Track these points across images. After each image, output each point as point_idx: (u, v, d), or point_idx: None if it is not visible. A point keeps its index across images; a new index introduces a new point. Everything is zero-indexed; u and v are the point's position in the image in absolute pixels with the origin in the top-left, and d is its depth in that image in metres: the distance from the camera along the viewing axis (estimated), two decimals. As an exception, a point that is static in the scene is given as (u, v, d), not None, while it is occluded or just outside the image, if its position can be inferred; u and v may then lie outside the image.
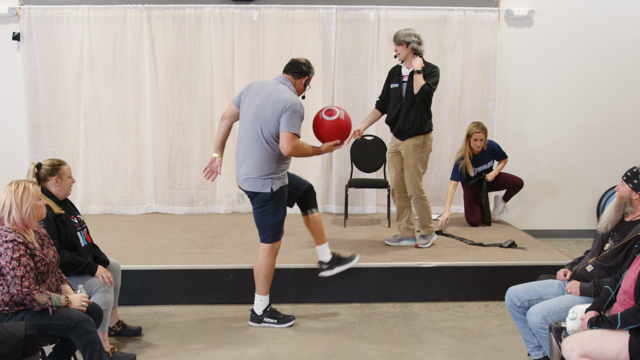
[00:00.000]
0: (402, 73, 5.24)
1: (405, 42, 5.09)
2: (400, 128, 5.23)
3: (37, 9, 6.64)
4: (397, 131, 5.30)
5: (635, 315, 2.83)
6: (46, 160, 3.85)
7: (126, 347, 4.12)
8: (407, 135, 5.23)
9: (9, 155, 6.85)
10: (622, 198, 3.41)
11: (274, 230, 4.31)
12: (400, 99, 5.21)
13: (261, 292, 4.44)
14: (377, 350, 4.08)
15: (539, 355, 3.61)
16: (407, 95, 5.16)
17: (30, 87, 6.71)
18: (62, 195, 3.86)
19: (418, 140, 5.21)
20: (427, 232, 5.44)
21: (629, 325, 2.85)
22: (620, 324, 2.87)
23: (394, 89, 5.27)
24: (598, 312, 3.08)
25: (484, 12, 6.78)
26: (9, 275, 3.15)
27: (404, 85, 5.19)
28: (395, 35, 5.16)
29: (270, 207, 4.24)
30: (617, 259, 3.31)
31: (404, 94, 5.19)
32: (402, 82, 5.21)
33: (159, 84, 6.76)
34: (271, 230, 4.30)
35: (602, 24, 6.83)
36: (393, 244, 5.51)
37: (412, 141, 5.22)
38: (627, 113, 6.97)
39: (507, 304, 3.65)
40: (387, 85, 5.36)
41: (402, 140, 5.27)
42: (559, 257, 5.16)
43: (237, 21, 6.71)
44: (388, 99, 5.34)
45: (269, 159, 4.19)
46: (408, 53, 5.12)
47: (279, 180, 4.25)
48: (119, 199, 6.89)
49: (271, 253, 4.36)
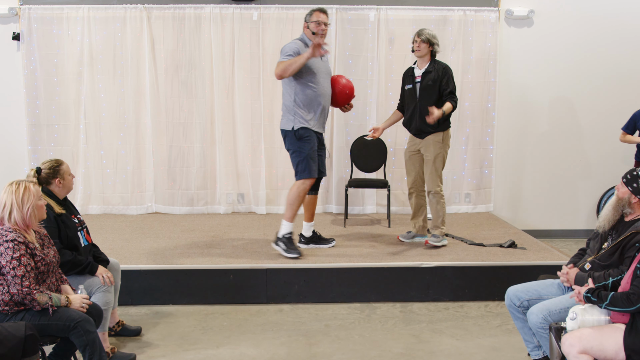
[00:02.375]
0: (415, 74, 5.35)
1: (430, 42, 5.26)
2: (419, 127, 5.33)
3: (37, 9, 6.64)
4: (415, 131, 5.41)
5: (623, 300, 2.85)
6: (44, 164, 3.84)
7: (126, 347, 4.12)
8: (426, 132, 5.33)
9: (9, 155, 6.85)
10: (621, 200, 3.41)
11: (302, 165, 5.01)
12: (415, 99, 5.32)
13: (286, 217, 5.10)
14: (377, 350, 4.08)
15: (539, 355, 3.61)
16: (422, 95, 5.28)
17: (30, 87, 6.72)
18: (65, 192, 3.88)
19: (437, 137, 5.32)
20: (439, 233, 5.44)
21: (615, 307, 2.88)
22: (607, 303, 2.91)
23: (408, 90, 5.41)
24: None
25: (484, 12, 6.78)
26: (9, 275, 3.15)
27: (418, 86, 5.30)
28: (421, 31, 5.29)
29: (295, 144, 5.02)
30: (614, 257, 3.32)
31: (418, 94, 5.29)
32: (416, 82, 5.32)
33: (159, 84, 6.76)
34: (303, 165, 5.01)
35: (602, 24, 6.83)
36: (407, 240, 5.58)
37: (431, 137, 5.33)
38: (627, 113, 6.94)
39: (506, 303, 3.66)
40: (403, 87, 5.50)
41: (422, 138, 5.37)
42: (559, 257, 5.16)
43: (237, 21, 6.71)
44: (405, 100, 5.47)
45: (287, 102, 5.10)
46: (427, 53, 5.29)
47: (300, 121, 5.01)
48: (119, 199, 6.89)
49: (300, 187, 5.04)
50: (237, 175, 6.92)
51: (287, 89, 5.07)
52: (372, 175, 6.76)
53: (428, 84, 5.26)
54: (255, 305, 4.86)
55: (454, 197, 7.01)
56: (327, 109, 5.21)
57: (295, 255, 5.03)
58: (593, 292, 3.00)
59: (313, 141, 5.05)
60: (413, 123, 5.39)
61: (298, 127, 5.00)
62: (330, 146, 6.88)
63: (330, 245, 5.43)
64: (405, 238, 5.61)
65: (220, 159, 6.86)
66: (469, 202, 7.04)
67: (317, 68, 5.03)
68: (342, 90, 5.20)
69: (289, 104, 5.06)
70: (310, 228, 5.44)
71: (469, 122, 6.92)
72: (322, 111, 5.09)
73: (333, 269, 4.96)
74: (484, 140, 6.93)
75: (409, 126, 5.47)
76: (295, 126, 5.01)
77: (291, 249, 5.08)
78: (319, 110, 5.06)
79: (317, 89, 5.02)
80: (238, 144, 6.86)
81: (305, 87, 5.00)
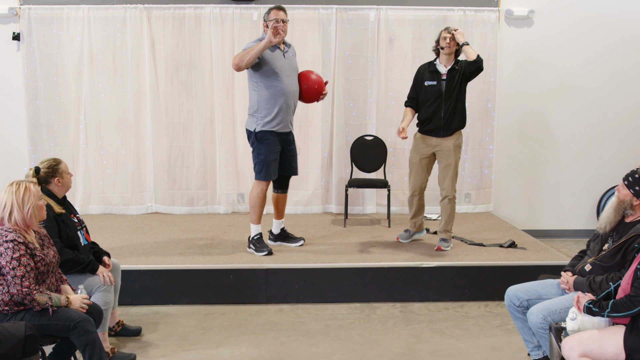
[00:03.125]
0: (440, 71, 5.25)
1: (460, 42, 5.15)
2: (442, 124, 5.24)
3: (37, 9, 6.64)
4: (434, 126, 5.27)
5: (625, 304, 2.85)
6: (43, 163, 3.84)
7: (126, 347, 4.12)
8: (451, 130, 5.25)
9: (9, 155, 6.85)
10: (623, 202, 3.39)
11: (259, 167, 5.12)
12: (440, 96, 5.21)
13: (251, 220, 5.29)
14: (377, 350, 4.08)
15: (539, 355, 3.61)
16: (449, 92, 5.19)
17: (30, 87, 6.71)
18: (64, 191, 3.89)
19: (458, 140, 5.30)
20: (448, 237, 5.39)
21: (617, 313, 2.87)
22: (609, 310, 2.90)
23: (430, 87, 5.26)
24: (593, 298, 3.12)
25: (484, 12, 6.78)
26: (9, 275, 3.15)
27: (444, 83, 5.20)
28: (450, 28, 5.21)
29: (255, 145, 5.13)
30: (616, 259, 3.31)
31: (444, 91, 5.20)
32: (442, 80, 5.21)
33: (159, 84, 6.76)
34: (259, 167, 5.12)
35: (602, 24, 6.82)
36: (406, 241, 5.56)
37: (452, 140, 5.27)
38: (627, 113, 6.97)
39: (506, 303, 3.66)
40: (418, 84, 5.34)
41: (442, 137, 5.27)
42: (559, 257, 5.17)
43: (237, 21, 6.71)
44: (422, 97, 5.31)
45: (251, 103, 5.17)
46: (453, 51, 5.23)
47: (261, 124, 5.07)
48: (119, 199, 6.89)
49: (257, 188, 5.19)
50: (237, 175, 6.92)
51: (251, 90, 5.13)
52: (372, 175, 6.76)
53: (456, 79, 5.18)
54: (255, 305, 4.86)
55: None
56: (293, 107, 5.19)
57: (265, 252, 5.14)
58: (594, 302, 3.00)
59: (273, 144, 5.09)
60: (434, 121, 5.25)
61: (259, 130, 5.07)
62: (330, 146, 6.88)
63: (298, 244, 5.47)
64: (404, 238, 5.58)
65: (220, 159, 6.86)
66: (469, 202, 7.04)
67: (279, 67, 5.04)
68: (312, 87, 5.18)
69: (252, 105, 5.12)
70: (279, 226, 5.52)
71: (469, 122, 6.84)
72: (286, 110, 5.09)
73: (333, 269, 4.96)
74: (484, 140, 6.93)
75: (428, 124, 5.29)
76: (257, 128, 5.07)
77: (261, 247, 5.20)
78: (282, 110, 5.06)
79: (280, 88, 5.02)
80: (238, 144, 6.86)
81: (267, 86, 5.03)
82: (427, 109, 5.29)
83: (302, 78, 5.21)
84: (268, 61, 4.99)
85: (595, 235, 3.60)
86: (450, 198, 5.30)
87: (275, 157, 5.14)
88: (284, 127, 5.14)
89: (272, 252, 5.17)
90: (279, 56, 5.07)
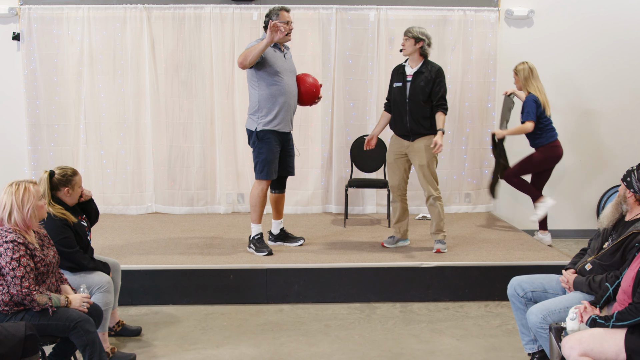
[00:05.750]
0: (407, 72, 5.19)
1: (416, 38, 5.08)
2: (408, 129, 5.17)
3: (37, 9, 6.64)
4: (403, 132, 5.22)
5: (630, 312, 2.84)
6: (60, 169, 3.81)
7: (126, 347, 4.12)
8: (417, 135, 5.17)
9: (9, 155, 6.85)
10: (619, 196, 3.45)
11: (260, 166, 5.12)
12: (404, 99, 5.15)
13: (252, 220, 5.27)
14: (377, 350, 4.08)
15: (533, 349, 3.64)
16: (412, 95, 5.12)
17: (30, 87, 6.71)
18: (71, 203, 3.87)
19: (428, 141, 5.10)
20: (442, 237, 5.33)
21: (623, 322, 2.87)
22: (614, 320, 2.89)
23: (397, 88, 5.21)
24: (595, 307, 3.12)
25: (484, 12, 6.78)
26: (8, 275, 3.15)
27: (408, 85, 5.14)
28: (409, 29, 5.13)
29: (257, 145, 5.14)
30: (615, 257, 3.33)
31: (408, 94, 5.14)
32: (407, 81, 5.16)
33: (159, 84, 6.76)
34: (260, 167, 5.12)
35: (602, 24, 6.82)
36: (391, 246, 5.44)
37: (422, 142, 5.15)
38: (626, 113, 6.96)
39: (509, 292, 3.66)
40: (391, 85, 5.32)
41: (411, 140, 5.20)
42: (559, 257, 5.17)
43: (237, 21, 6.71)
44: (392, 99, 5.29)
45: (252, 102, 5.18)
46: (414, 51, 5.13)
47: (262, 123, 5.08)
48: (119, 199, 6.89)
49: (257, 188, 5.18)
50: (237, 175, 6.92)
51: (252, 89, 5.14)
52: (372, 175, 6.76)
53: (420, 84, 5.09)
54: (255, 305, 4.86)
55: (454, 197, 7.01)
56: (293, 107, 5.21)
57: (265, 252, 5.14)
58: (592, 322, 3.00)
59: (273, 143, 5.11)
60: (401, 124, 5.20)
61: (260, 129, 5.08)
62: (330, 146, 6.88)
63: (297, 244, 5.47)
64: (389, 244, 5.46)
65: (220, 159, 6.86)
66: (469, 202, 7.04)
67: (280, 66, 5.06)
68: (309, 89, 5.24)
69: (253, 105, 5.13)
70: (278, 226, 5.53)
71: (469, 122, 6.92)
72: (287, 109, 5.11)
73: (333, 269, 4.96)
74: (484, 140, 6.92)
75: (395, 127, 5.27)
76: (258, 127, 5.09)
77: (261, 247, 5.20)
78: (283, 109, 5.09)
79: (281, 87, 5.06)
80: (238, 144, 6.86)
81: (269, 86, 5.04)
82: (395, 111, 5.27)
83: (299, 80, 5.25)
84: (270, 61, 5.01)
85: (597, 233, 3.62)
86: (435, 197, 5.21)
87: (275, 157, 5.15)
88: (284, 127, 5.15)
89: (272, 253, 5.16)
90: (280, 57, 5.10)
